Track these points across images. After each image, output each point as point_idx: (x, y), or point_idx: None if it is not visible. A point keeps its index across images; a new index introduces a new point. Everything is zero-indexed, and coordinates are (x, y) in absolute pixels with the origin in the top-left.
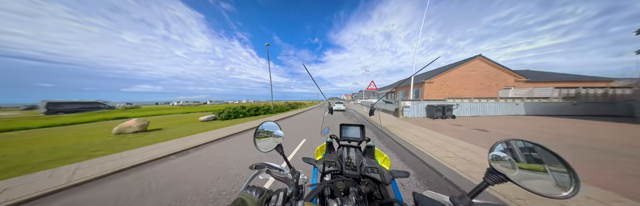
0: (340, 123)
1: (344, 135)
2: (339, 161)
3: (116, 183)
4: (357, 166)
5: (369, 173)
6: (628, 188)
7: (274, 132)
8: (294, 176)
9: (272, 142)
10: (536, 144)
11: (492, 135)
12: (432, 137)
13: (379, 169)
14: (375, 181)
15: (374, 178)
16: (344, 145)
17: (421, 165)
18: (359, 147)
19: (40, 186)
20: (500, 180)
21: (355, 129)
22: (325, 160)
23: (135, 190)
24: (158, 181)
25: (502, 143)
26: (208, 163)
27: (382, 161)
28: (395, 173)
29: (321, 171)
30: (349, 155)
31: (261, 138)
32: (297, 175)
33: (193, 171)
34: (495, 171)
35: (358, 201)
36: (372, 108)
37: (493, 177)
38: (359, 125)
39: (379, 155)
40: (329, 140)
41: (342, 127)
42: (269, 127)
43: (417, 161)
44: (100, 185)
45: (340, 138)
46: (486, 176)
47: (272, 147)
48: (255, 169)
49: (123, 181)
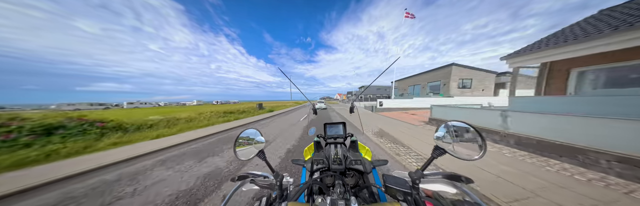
0: (324, 123)
1: (329, 133)
2: (327, 158)
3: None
4: (343, 160)
5: (353, 166)
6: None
7: (255, 139)
8: (278, 180)
9: (253, 149)
10: (465, 122)
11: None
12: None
13: (361, 160)
14: (359, 172)
15: (357, 169)
16: (330, 143)
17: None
18: (344, 143)
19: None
20: (441, 153)
21: (338, 127)
22: (314, 159)
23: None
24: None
25: (444, 124)
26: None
27: (364, 154)
28: (375, 162)
29: (309, 170)
30: (336, 151)
31: (242, 146)
32: (281, 178)
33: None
34: (438, 147)
35: (341, 192)
36: (352, 106)
37: (437, 152)
38: (341, 122)
39: (362, 147)
40: (316, 139)
41: (326, 126)
42: (249, 134)
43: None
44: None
45: (325, 137)
46: (433, 152)
47: (253, 153)
48: (238, 180)
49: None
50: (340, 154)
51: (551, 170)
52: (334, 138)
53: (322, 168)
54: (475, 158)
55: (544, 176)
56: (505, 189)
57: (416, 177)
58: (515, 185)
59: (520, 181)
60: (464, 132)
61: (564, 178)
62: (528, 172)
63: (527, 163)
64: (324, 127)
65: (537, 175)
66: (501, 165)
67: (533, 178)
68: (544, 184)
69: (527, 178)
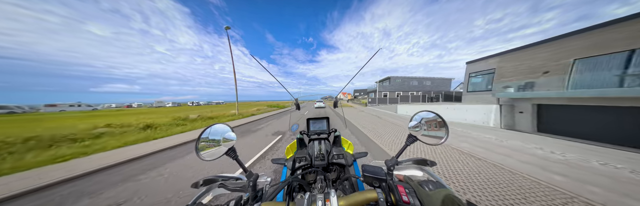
0: (307, 118)
1: (312, 129)
2: (309, 155)
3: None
4: (326, 156)
5: (336, 160)
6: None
7: (224, 136)
8: (251, 180)
9: (222, 147)
10: (433, 112)
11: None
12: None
13: (343, 154)
14: (341, 166)
15: (340, 163)
16: (314, 139)
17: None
18: (328, 138)
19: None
20: (414, 140)
21: (322, 122)
22: (296, 157)
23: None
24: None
25: (416, 114)
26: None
27: (347, 148)
28: (356, 155)
29: (290, 168)
30: (320, 147)
31: (207, 145)
32: (255, 177)
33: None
34: (411, 135)
35: (322, 187)
36: (336, 101)
37: (410, 140)
38: (324, 117)
39: (345, 142)
40: (299, 136)
41: (309, 121)
42: (217, 130)
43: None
44: None
45: (309, 133)
46: (406, 140)
47: (221, 152)
48: (204, 185)
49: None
50: (324, 150)
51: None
52: (317, 134)
53: (304, 166)
54: (441, 142)
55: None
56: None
57: (391, 164)
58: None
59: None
60: (431, 121)
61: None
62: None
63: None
64: (307, 123)
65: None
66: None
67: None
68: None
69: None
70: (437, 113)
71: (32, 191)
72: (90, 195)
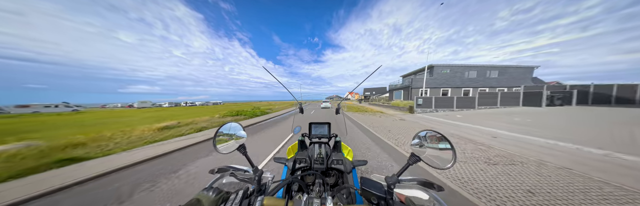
0: (309, 122)
1: (314, 132)
2: (309, 158)
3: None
4: (325, 160)
5: (335, 165)
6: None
7: (236, 133)
8: (257, 175)
9: (234, 143)
10: (438, 133)
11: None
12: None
13: (343, 160)
14: (340, 172)
15: (338, 169)
16: (314, 142)
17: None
18: (328, 143)
19: None
20: (417, 160)
21: (323, 127)
22: (297, 158)
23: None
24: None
25: (420, 133)
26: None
27: (347, 154)
28: (355, 163)
29: (291, 168)
30: (320, 151)
31: (222, 140)
32: (260, 173)
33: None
34: (414, 155)
35: (320, 191)
36: (338, 108)
37: (412, 159)
38: (326, 123)
39: (345, 148)
40: (300, 138)
41: (312, 125)
42: (230, 128)
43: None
44: None
45: (310, 136)
46: (409, 159)
47: (234, 147)
48: (218, 173)
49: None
50: (324, 154)
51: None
52: (318, 137)
53: (304, 167)
54: (447, 166)
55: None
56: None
57: (392, 182)
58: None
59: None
60: (436, 141)
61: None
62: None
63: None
64: (309, 126)
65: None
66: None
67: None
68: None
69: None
70: (442, 133)
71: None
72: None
